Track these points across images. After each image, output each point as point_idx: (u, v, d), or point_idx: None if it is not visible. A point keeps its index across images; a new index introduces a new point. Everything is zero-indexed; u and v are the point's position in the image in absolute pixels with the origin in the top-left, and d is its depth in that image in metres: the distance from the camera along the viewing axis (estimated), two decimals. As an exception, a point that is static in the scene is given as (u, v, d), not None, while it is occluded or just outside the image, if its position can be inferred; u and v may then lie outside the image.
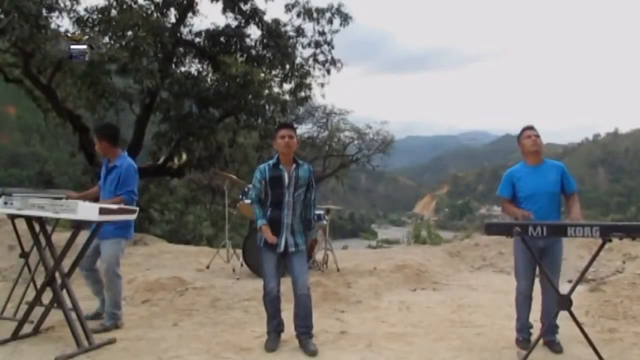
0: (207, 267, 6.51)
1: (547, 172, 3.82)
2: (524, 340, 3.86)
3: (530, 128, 3.90)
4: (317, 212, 6.09)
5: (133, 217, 3.88)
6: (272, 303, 3.74)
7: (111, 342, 3.79)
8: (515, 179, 3.87)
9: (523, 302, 3.86)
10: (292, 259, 3.76)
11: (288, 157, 3.75)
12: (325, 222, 6.65)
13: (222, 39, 11.13)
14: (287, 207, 3.72)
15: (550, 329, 3.77)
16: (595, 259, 3.45)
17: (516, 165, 3.99)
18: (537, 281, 3.91)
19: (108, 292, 4.25)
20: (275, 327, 3.77)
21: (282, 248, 3.72)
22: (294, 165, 3.76)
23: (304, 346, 3.72)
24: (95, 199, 4.33)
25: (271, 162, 3.79)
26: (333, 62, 12.15)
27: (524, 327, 3.90)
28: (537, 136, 3.84)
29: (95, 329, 4.09)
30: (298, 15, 11.69)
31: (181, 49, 11.25)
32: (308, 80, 11.92)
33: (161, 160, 11.64)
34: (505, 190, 3.90)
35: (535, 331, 3.82)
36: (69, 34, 8.96)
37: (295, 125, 4.11)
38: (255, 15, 11.28)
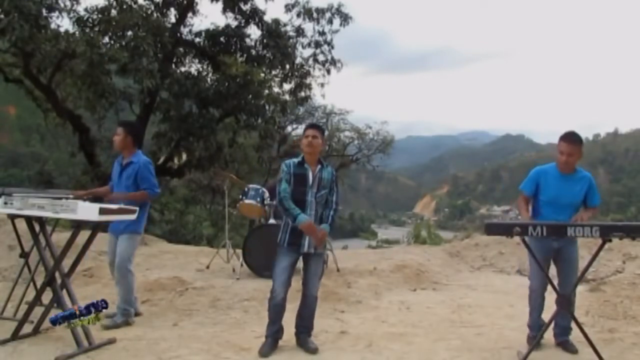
0: (207, 267, 6.50)
1: (576, 182, 3.73)
2: (534, 337, 3.82)
3: (568, 140, 3.64)
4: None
5: (133, 217, 3.88)
6: (275, 309, 3.66)
7: (111, 342, 3.78)
8: (542, 179, 3.79)
9: (536, 301, 3.85)
10: (309, 261, 3.72)
11: (312, 157, 3.68)
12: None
13: (222, 39, 11.14)
14: (310, 207, 3.64)
15: (564, 331, 3.78)
16: (595, 259, 3.45)
17: (547, 165, 3.88)
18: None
19: (119, 288, 4.27)
20: (273, 332, 3.70)
21: (305, 248, 3.63)
22: (319, 166, 3.70)
23: (304, 344, 3.72)
24: (102, 198, 4.42)
25: (296, 159, 3.72)
26: (333, 62, 12.19)
27: (535, 324, 3.86)
28: (571, 155, 3.63)
29: (106, 324, 4.13)
30: (298, 15, 11.73)
31: (181, 49, 11.26)
32: (308, 80, 11.97)
33: (161, 160, 11.64)
34: (529, 187, 3.84)
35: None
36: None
37: (322, 127, 4.06)
38: (255, 15, 11.30)
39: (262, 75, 10.31)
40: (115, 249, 4.32)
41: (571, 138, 3.66)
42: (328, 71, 12.21)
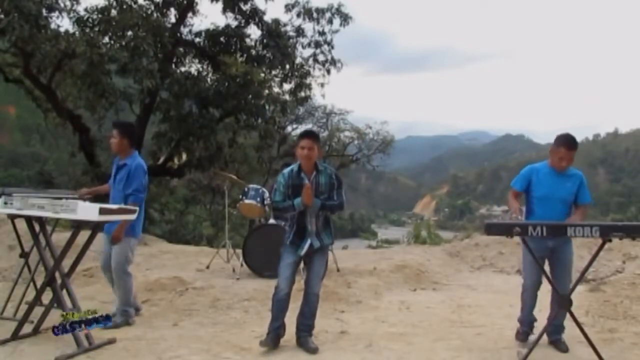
0: (207, 267, 6.50)
1: (567, 179, 3.81)
2: (523, 332, 3.92)
3: (568, 147, 3.69)
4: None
5: (133, 217, 3.88)
6: (279, 303, 3.70)
7: (111, 342, 3.78)
8: (534, 176, 3.86)
9: (528, 298, 3.90)
10: (313, 258, 3.78)
11: (309, 166, 3.73)
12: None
13: (222, 39, 11.15)
14: (310, 215, 3.72)
15: (556, 329, 3.79)
16: (595, 259, 3.45)
17: (540, 163, 3.96)
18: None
19: (118, 290, 4.30)
20: (275, 328, 3.73)
21: (304, 250, 3.71)
22: (314, 172, 3.74)
23: (304, 344, 3.72)
24: (105, 195, 4.46)
25: (294, 168, 3.75)
26: (333, 62, 12.18)
27: (526, 320, 3.93)
28: (569, 161, 3.73)
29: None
30: (298, 15, 11.73)
31: (181, 49, 11.27)
32: (308, 80, 11.96)
33: (161, 160, 11.65)
34: (520, 183, 3.90)
35: (536, 329, 3.82)
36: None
37: (317, 134, 4.06)
38: (255, 15, 11.30)
39: (262, 75, 10.31)
40: (108, 250, 4.33)
41: (571, 145, 3.72)
42: (328, 71, 12.22)
